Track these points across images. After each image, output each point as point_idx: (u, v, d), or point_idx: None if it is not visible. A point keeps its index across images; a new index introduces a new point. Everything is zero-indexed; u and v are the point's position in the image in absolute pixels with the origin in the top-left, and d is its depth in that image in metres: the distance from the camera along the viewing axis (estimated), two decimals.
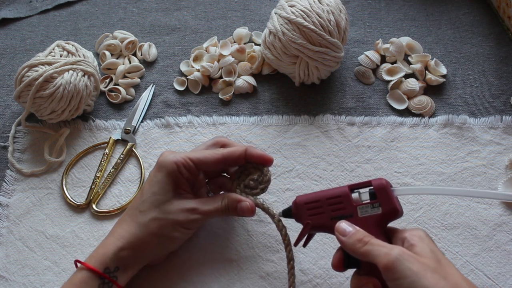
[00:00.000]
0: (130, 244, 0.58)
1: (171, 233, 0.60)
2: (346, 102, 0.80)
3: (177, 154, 0.62)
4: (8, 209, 0.72)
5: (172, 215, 0.59)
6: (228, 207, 0.61)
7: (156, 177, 0.61)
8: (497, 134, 0.75)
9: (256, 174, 0.63)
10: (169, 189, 0.60)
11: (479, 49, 0.84)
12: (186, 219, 0.60)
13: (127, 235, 0.59)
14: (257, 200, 0.62)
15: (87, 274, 0.56)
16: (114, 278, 0.57)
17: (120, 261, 0.58)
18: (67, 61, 0.74)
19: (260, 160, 0.63)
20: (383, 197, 0.54)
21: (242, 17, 0.90)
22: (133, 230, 0.59)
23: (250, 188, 0.63)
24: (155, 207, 0.59)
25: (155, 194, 0.60)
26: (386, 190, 0.54)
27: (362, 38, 0.87)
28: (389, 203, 0.54)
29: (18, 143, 0.77)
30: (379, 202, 0.54)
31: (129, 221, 0.60)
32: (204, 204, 0.61)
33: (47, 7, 0.93)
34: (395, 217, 0.55)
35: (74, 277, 0.57)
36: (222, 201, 0.61)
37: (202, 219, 0.61)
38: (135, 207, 0.61)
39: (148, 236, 0.59)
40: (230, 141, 0.65)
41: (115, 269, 0.57)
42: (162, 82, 0.83)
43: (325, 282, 0.64)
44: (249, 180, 0.63)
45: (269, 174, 0.63)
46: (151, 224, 0.59)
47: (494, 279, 0.64)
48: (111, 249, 0.58)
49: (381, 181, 0.55)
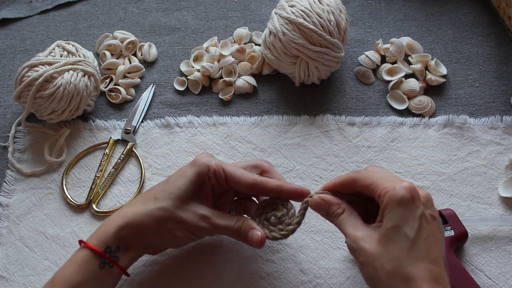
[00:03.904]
0: (131, 224, 0.57)
1: (174, 230, 0.58)
2: (346, 102, 0.80)
3: (214, 159, 0.61)
4: (8, 209, 0.72)
5: (182, 213, 0.58)
6: (240, 231, 0.59)
7: (185, 172, 0.60)
8: (497, 134, 0.75)
9: (281, 213, 0.59)
10: (192, 188, 0.59)
11: (479, 49, 0.84)
12: (194, 223, 0.58)
13: (130, 215, 0.58)
14: (271, 234, 0.59)
15: (88, 253, 0.56)
16: (115, 258, 0.56)
17: (120, 240, 0.57)
18: (67, 61, 0.74)
19: (292, 193, 0.59)
20: (454, 222, 0.65)
21: (242, 17, 0.90)
22: (137, 212, 0.58)
23: (270, 223, 0.60)
24: (171, 199, 0.58)
25: (176, 187, 0.59)
26: (456, 216, 0.65)
27: (362, 38, 0.87)
28: (459, 227, 0.64)
29: (18, 143, 0.77)
30: (450, 226, 0.64)
31: (140, 203, 0.59)
32: (218, 217, 0.59)
33: (47, 7, 0.93)
34: (464, 237, 0.64)
35: (75, 256, 0.57)
36: (237, 222, 0.59)
37: (210, 229, 0.59)
38: (152, 192, 0.60)
39: (150, 222, 0.58)
40: (272, 169, 0.63)
41: (116, 248, 0.57)
42: (162, 82, 0.83)
43: (325, 282, 0.64)
44: (272, 215, 0.60)
45: (293, 222, 0.58)
46: (158, 212, 0.58)
47: (494, 279, 0.64)
48: (112, 227, 0.57)
49: (450, 211, 0.66)
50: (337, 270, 0.65)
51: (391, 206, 0.50)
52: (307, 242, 0.67)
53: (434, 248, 0.50)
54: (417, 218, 0.50)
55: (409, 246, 0.49)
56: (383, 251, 0.50)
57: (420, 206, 0.50)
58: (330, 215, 0.56)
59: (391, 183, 0.51)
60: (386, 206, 0.51)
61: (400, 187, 0.50)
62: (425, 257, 0.49)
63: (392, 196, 0.50)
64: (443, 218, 0.65)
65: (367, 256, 0.51)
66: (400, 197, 0.50)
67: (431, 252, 0.49)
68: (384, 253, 0.50)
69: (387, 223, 0.50)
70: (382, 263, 0.49)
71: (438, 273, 0.49)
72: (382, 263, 0.49)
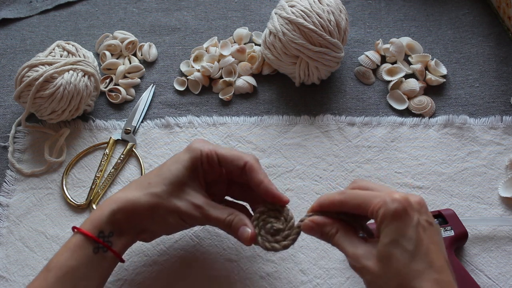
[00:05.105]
0: (124, 209, 0.57)
1: (166, 217, 0.58)
2: (346, 102, 0.80)
3: (208, 144, 0.60)
4: (8, 209, 0.72)
5: (176, 200, 0.58)
6: (231, 225, 0.58)
7: (179, 158, 0.60)
8: (497, 134, 0.75)
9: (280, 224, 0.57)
10: (186, 174, 0.58)
11: (479, 49, 0.84)
12: (186, 212, 0.58)
13: (124, 200, 0.57)
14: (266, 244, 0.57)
15: (81, 238, 0.55)
16: (108, 243, 0.56)
17: (114, 225, 0.56)
18: (67, 61, 0.74)
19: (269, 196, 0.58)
20: (454, 222, 0.65)
21: (242, 17, 0.91)
22: (131, 196, 0.57)
23: (268, 233, 0.57)
24: (164, 185, 0.58)
25: (170, 172, 0.58)
26: (456, 216, 0.65)
27: (362, 38, 0.87)
28: (459, 227, 0.65)
29: (18, 143, 0.77)
30: (450, 226, 0.64)
31: (133, 188, 0.59)
32: (211, 208, 0.59)
33: (47, 7, 0.93)
34: (464, 237, 0.65)
35: (69, 241, 0.56)
36: (229, 216, 0.58)
37: (202, 219, 0.59)
38: (147, 178, 0.60)
39: (143, 207, 0.57)
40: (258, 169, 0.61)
41: (109, 234, 0.56)
42: (162, 82, 0.83)
43: (325, 282, 0.64)
44: (271, 224, 0.57)
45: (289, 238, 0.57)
46: (151, 198, 0.57)
47: (494, 279, 0.64)
48: (105, 212, 0.56)
49: (450, 211, 0.66)
50: (337, 270, 0.65)
51: (386, 221, 0.49)
52: (307, 242, 0.67)
53: (436, 256, 0.49)
54: (413, 228, 0.49)
55: (411, 259, 0.48)
56: (385, 268, 0.49)
57: (414, 215, 0.49)
58: (325, 236, 0.55)
59: (381, 198, 0.50)
60: (381, 222, 0.50)
61: (391, 201, 0.49)
62: (429, 267, 0.48)
63: (385, 211, 0.49)
64: (443, 218, 0.65)
65: (371, 274, 0.50)
66: (393, 211, 0.49)
67: (434, 261, 0.48)
68: (386, 270, 0.49)
69: (384, 239, 0.49)
70: (387, 281, 0.48)
71: (444, 281, 0.48)
72: (387, 281, 0.48)
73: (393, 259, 0.48)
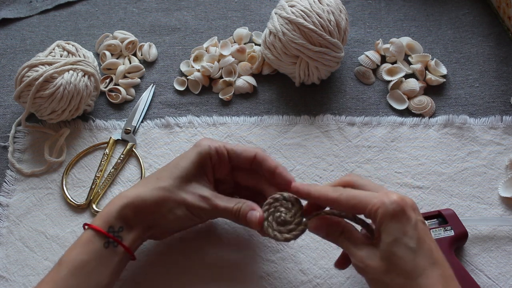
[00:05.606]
0: (132, 203, 0.58)
1: (174, 210, 0.59)
2: (346, 102, 0.80)
3: (216, 140, 0.62)
4: (8, 209, 0.72)
5: (182, 193, 0.59)
6: (239, 212, 0.59)
7: (187, 154, 0.61)
8: (497, 134, 0.75)
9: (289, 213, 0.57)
10: (193, 168, 0.60)
11: (479, 49, 0.84)
12: (194, 204, 0.59)
13: (133, 195, 0.59)
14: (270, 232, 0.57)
15: (92, 233, 0.57)
16: (118, 238, 0.57)
17: (123, 219, 0.58)
18: (67, 61, 0.74)
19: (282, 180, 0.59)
20: (454, 222, 0.65)
21: (242, 17, 0.91)
22: (139, 191, 0.59)
23: (277, 222, 0.58)
24: (171, 179, 0.59)
25: (178, 167, 0.60)
26: (455, 216, 0.65)
27: (362, 38, 0.87)
28: (459, 227, 0.64)
29: (18, 143, 0.77)
30: (450, 226, 0.64)
31: (142, 184, 0.61)
32: (218, 199, 0.60)
33: (47, 7, 0.93)
34: (464, 237, 0.64)
35: (80, 237, 0.58)
36: (237, 204, 0.60)
37: (210, 211, 0.60)
38: (155, 174, 0.62)
39: (151, 201, 0.58)
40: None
41: (119, 228, 0.57)
42: (162, 82, 0.83)
43: (325, 282, 0.64)
44: (280, 213, 0.58)
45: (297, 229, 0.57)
46: (159, 191, 0.59)
47: (494, 279, 0.64)
48: (115, 207, 0.58)
49: (450, 211, 0.66)
50: (337, 270, 0.65)
51: (385, 221, 0.50)
52: (307, 242, 0.67)
53: (435, 250, 0.50)
54: (413, 227, 0.50)
55: (414, 256, 0.49)
56: (390, 266, 0.50)
57: (412, 214, 0.51)
58: (330, 236, 0.56)
59: (378, 199, 0.51)
60: (381, 223, 0.51)
61: (390, 202, 0.50)
62: (431, 262, 0.49)
63: (384, 212, 0.50)
64: (443, 218, 0.65)
65: (375, 273, 0.51)
66: (392, 212, 0.50)
67: (434, 255, 0.50)
68: (391, 268, 0.50)
69: (386, 238, 0.50)
70: (392, 278, 0.50)
71: (448, 276, 0.50)
72: (392, 278, 0.50)
73: (397, 257, 0.50)
